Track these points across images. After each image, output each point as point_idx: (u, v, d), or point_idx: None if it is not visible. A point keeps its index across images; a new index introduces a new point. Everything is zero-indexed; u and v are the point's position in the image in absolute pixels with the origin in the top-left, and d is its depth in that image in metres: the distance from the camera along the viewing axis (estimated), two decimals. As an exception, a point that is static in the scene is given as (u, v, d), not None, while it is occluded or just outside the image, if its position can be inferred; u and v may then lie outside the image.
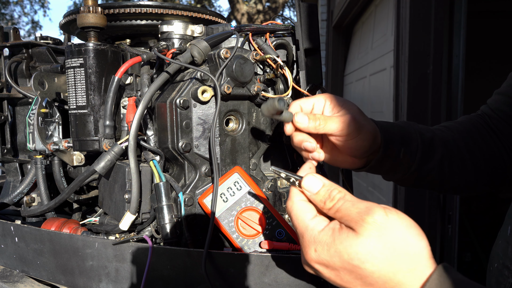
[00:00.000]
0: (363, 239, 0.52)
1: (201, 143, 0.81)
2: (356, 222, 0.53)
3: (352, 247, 0.52)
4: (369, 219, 0.52)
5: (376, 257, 0.52)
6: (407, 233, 0.53)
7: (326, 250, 0.54)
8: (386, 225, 0.52)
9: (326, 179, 0.60)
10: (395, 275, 0.51)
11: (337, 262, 0.54)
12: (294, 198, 0.61)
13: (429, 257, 0.53)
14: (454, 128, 0.97)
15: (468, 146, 0.93)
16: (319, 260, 0.55)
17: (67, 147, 0.93)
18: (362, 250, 0.52)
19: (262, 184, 0.87)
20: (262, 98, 0.85)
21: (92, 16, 0.85)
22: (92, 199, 1.03)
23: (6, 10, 15.73)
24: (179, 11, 0.97)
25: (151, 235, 0.80)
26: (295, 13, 0.92)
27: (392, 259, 0.51)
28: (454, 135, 0.94)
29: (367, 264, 0.52)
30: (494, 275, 0.81)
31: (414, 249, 0.52)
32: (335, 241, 0.54)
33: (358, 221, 0.53)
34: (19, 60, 1.08)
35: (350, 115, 0.75)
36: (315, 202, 0.59)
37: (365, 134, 0.77)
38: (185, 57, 0.83)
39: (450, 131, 0.96)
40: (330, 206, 0.57)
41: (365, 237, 0.52)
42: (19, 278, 0.87)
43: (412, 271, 0.52)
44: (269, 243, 0.77)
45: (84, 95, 0.87)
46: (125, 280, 0.75)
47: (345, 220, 0.55)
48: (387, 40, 3.33)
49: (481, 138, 0.95)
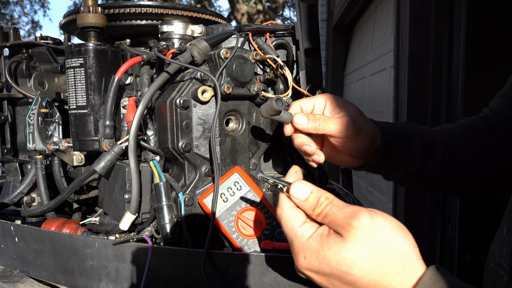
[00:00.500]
0: (349, 244, 0.52)
1: (201, 143, 0.81)
2: (342, 227, 0.53)
3: (339, 252, 0.52)
4: (355, 223, 0.52)
5: (363, 262, 0.51)
6: (394, 236, 0.52)
7: (315, 257, 0.54)
8: (372, 229, 0.52)
9: (313, 186, 0.60)
10: (384, 279, 0.51)
11: (326, 268, 0.53)
12: (283, 205, 0.61)
13: (417, 258, 0.52)
14: (455, 130, 0.97)
15: (469, 148, 0.93)
16: (309, 267, 0.55)
17: (67, 147, 0.93)
18: (349, 255, 0.52)
19: (262, 184, 0.87)
20: (262, 98, 0.85)
21: (92, 16, 0.85)
22: (92, 199, 1.03)
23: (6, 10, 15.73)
24: (179, 11, 0.97)
25: (151, 235, 0.80)
26: (295, 13, 0.92)
27: (380, 263, 0.51)
28: (455, 137, 0.94)
29: (356, 269, 0.52)
30: (490, 275, 0.81)
31: (401, 251, 0.52)
32: (323, 247, 0.54)
33: (344, 226, 0.53)
34: (19, 60, 1.08)
35: (349, 117, 0.75)
36: (304, 208, 0.59)
37: (364, 136, 0.78)
38: (185, 57, 0.83)
39: (451, 133, 0.96)
40: (318, 212, 0.57)
41: (352, 242, 0.52)
42: (19, 278, 0.87)
43: (401, 274, 0.51)
44: (269, 243, 0.78)
45: (84, 95, 0.87)
46: (125, 280, 0.75)
47: (333, 225, 0.55)
48: (387, 40, 3.33)
49: (482, 140, 0.95)
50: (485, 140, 0.95)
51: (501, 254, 0.78)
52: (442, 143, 0.91)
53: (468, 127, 0.98)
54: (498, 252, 0.79)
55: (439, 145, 0.91)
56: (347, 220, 0.53)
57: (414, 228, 2.83)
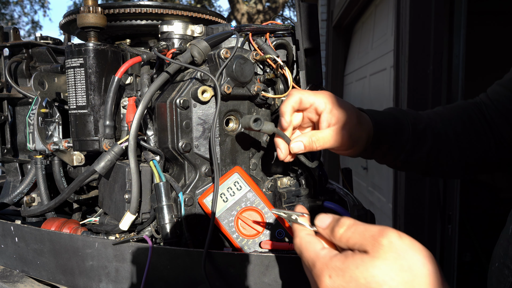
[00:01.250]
0: (379, 262, 0.51)
1: (201, 143, 0.81)
2: (372, 245, 0.52)
3: (368, 270, 0.51)
4: (384, 241, 0.51)
5: (394, 280, 0.50)
6: (423, 257, 0.52)
7: (341, 276, 0.52)
8: (402, 247, 0.51)
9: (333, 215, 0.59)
10: None
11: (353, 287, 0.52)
12: (300, 233, 0.60)
13: (444, 281, 0.52)
14: (446, 116, 0.99)
15: (457, 136, 0.96)
16: (335, 287, 0.53)
17: (67, 147, 0.93)
18: (380, 273, 0.50)
19: (262, 184, 0.87)
20: (262, 98, 0.85)
21: (92, 16, 0.85)
22: (92, 199, 1.03)
23: (6, 10, 15.73)
24: (179, 11, 0.97)
25: (151, 235, 0.80)
26: (295, 13, 0.92)
27: (410, 281, 0.50)
28: (446, 124, 0.97)
29: (385, 287, 0.50)
30: (495, 274, 0.81)
31: (431, 273, 0.51)
32: (350, 266, 0.52)
33: (373, 244, 0.52)
34: (19, 60, 1.08)
35: (345, 131, 0.78)
36: (325, 234, 0.58)
37: (359, 146, 0.83)
38: (185, 57, 0.83)
39: (442, 120, 0.98)
40: (341, 232, 0.55)
41: (382, 259, 0.51)
42: (19, 278, 0.87)
43: None
44: (269, 243, 0.78)
45: (84, 95, 0.87)
46: (125, 280, 0.75)
47: (359, 246, 0.53)
48: (387, 40, 3.33)
49: (472, 127, 0.97)
50: (475, 128, 0.97)
51: (506, 254, 0.78)
52: (432, 133, 0.94)
53: (461, 113, 0.99)
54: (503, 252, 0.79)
55: (429, 135, 0.93)
56: (375, 238, 0.52)
57: (414, 228, 2.83)
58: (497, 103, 0.97)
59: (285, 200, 0.86)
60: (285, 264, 0.69)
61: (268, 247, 0.77)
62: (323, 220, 0.58)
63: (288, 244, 0.77)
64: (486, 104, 0.99)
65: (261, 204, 0.81)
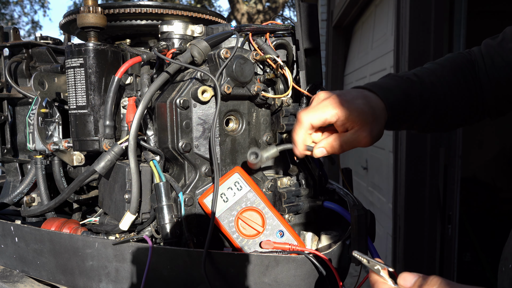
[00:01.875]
0: None
1: (201, 143, 0.81)
2: None
3: None
4: None
5: None
6: None
7: None
8: None
9: None
10: None
11: None
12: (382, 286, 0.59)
13: None
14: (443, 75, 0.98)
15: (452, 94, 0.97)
16: None
17: (67, 147, 0.93)
18: None
19: (262, 184, 0.87)
20: (262, 98, 0.85)
21: (92, 16, 0.85)
22: (92, 199, 1.03)
23: (6, 10, 15.72)
24: (179, 11, 0.97)
25: (151, 235, 0.80)
26: (295, 13, 0.92)
27: None
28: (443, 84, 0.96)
29: None
30: (508, 276, 0.81)
31: None
32: None
33: None
34: (19, 60, 1.08)
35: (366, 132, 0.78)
36: None
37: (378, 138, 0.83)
38: (185, 57, 0.83)
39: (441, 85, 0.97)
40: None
41: None
42: (19, 278, 0.87)
43: None
44: (269, 243, 0.78)
45: (84, 95, 0.87)
46: (125, 280, 0.75)
47: None
48: (387, 40, 3.33)
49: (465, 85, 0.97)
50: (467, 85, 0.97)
51: None
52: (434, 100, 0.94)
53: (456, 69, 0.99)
54: None
55: (432, 103, 0.94)
56: None
57: (414, 228, 2.82)
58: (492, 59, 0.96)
59: (285, 200, 0.86)
60: (285, 264, 0.69)
61: (268, 247, 0.77)
62: (407, 279, 0.57)
63: (288, 244, 0.77)
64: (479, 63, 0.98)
65: (262, 204, 0.81)
